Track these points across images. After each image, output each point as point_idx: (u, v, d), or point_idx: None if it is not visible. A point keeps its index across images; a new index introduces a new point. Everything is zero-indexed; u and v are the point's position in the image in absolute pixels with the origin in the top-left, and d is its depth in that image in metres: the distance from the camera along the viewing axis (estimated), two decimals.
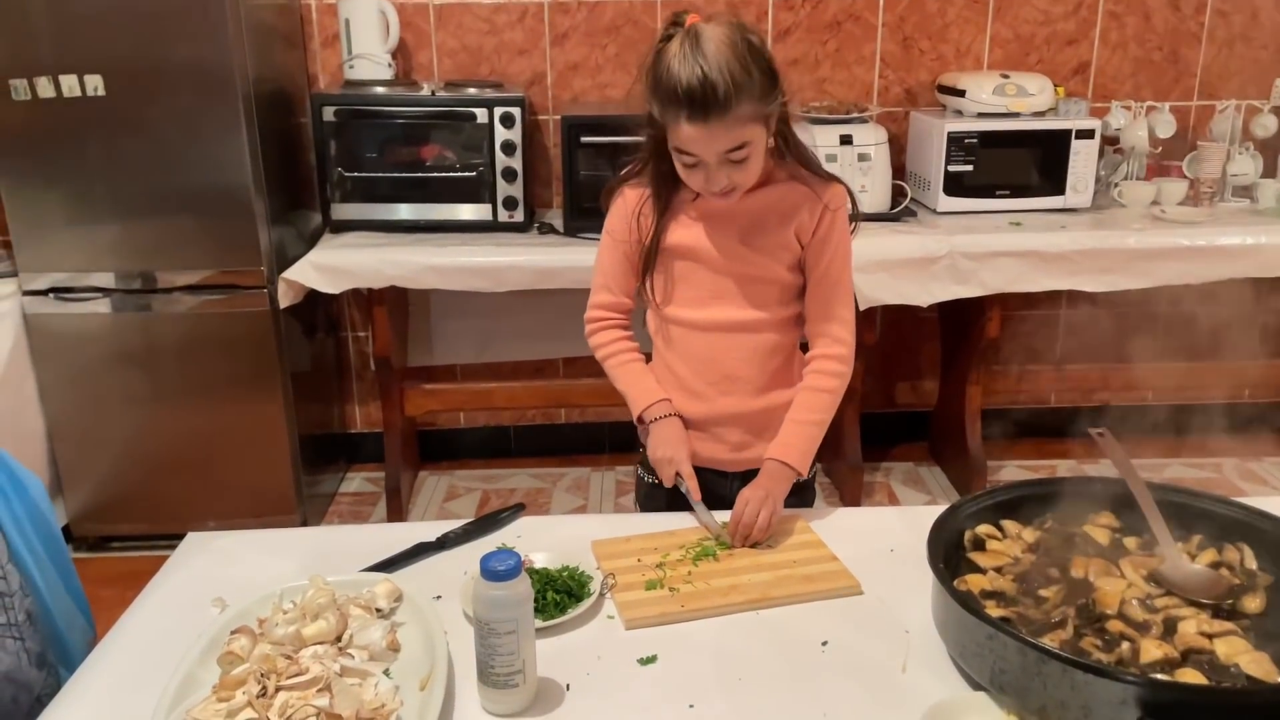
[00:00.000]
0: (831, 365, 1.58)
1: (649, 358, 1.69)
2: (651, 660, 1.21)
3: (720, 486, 1.61)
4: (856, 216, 1.61)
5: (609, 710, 1.13)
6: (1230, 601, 1.16)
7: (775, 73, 1.42)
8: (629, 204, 1.59)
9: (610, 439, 3.56)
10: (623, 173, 1.61)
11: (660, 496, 1.63)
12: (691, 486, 1.53)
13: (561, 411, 3.60)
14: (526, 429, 3.62)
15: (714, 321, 1.58)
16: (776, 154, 1.52)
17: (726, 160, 1.42)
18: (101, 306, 2.79)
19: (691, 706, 1.13)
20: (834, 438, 3.17)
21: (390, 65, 3.07)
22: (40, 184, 2.69)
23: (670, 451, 1.56)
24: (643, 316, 1.70)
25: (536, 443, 3.61)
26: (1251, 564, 1.23)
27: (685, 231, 1.56)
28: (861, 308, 2.79)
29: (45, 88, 2.59)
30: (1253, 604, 1.16)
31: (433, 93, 2.94)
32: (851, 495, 3.18)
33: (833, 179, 1.57)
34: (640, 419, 1.64)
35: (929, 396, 3.63)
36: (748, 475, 1.56)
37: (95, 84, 2.60)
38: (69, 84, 2.60)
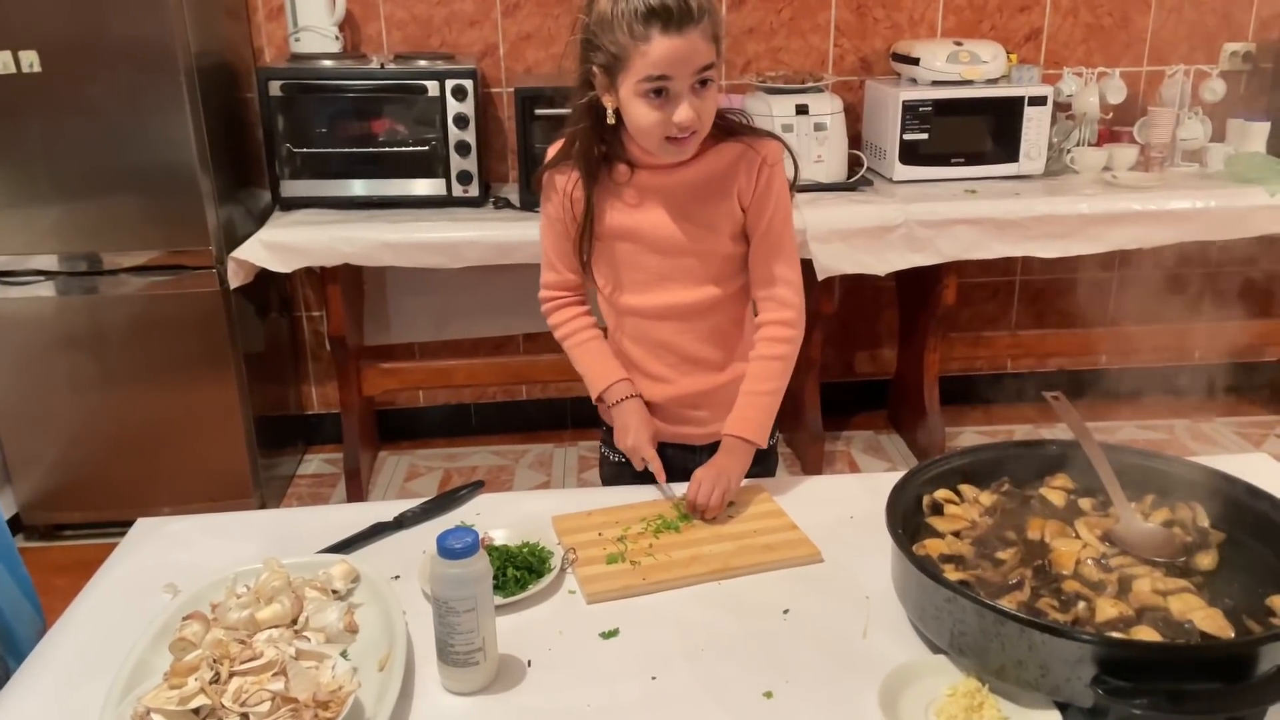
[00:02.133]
0: (781, 331, 1.56)
1: (606, 333, 1.68)
2: (614, 634, 1.20)
3: (689, 461, 1.59)
4: (794, 184, 1.56)
5: (571, 685, 1.12)
6: (1183, 559, 1.18)
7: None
8: (558, 187, 1.56)
9: (572, 414, 3.54)
10: (548, 159, 1.57)
11: (625, 473, 1.62)
12: (656, 469, 1.54)
13: (523, 388, 3.57)
14: (487, 406, 3.59)
15: (666, 307, 1.56)
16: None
17: (696, 83, 1.38)
18: (45, 290, 2.71)
19: (654, 678, 1.12)
20: (794, 408, 3.20)
21: (338, 38, 3.01)
22: None
23: (634, 440, 1.57)
24: (595, 294, 1.68)
25: (498, 420, 3.59)
26: (1204, 522, 1.25)
27: (624, 215, 1.53)
28: (819, 278, 2.80)
29: None
30: (1205, 561, 1.18)
31: (382, 65, 2.88)
32: (812, 465, 3.19)
33: (767, 134, 1.54)
34: (600, 399, 1.63)
35: (888, 365, 3.66)
36: (715, 448, 1.55)
37: (30, 60, 2.52)
38: (3, 60, 2.51)
